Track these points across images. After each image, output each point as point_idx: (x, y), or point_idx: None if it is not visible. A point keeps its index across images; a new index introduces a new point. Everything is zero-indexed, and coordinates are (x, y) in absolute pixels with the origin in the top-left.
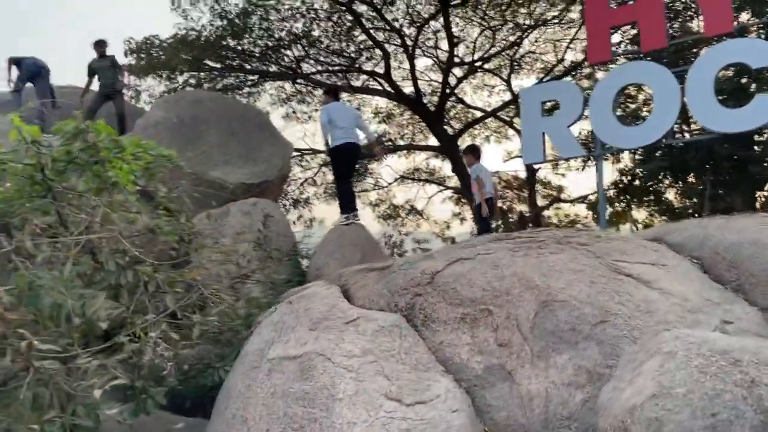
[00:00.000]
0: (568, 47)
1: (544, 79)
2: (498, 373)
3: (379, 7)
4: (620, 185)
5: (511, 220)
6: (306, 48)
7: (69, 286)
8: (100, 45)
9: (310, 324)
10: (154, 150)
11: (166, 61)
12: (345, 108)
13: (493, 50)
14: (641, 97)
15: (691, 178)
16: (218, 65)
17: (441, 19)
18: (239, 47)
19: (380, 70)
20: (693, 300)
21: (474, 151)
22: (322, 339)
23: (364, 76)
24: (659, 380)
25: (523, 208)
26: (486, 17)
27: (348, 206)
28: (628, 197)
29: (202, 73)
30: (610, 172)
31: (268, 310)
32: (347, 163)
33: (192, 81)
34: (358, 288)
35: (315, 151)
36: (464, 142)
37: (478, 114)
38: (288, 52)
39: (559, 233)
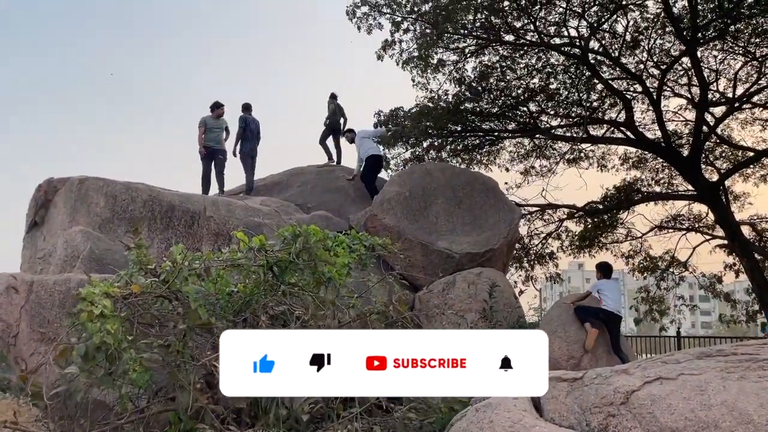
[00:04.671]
0: None
1: None
2: None
3: (615, 55)
4: None
5: None
6: (542, 103)
7: None
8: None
9: None
10: (368, 240)
11: (410, 130)
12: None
13: (763, 81)
14: None
15: None
16: (458, 127)
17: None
18: (477, 109)
19: (622, 117)
20: None
21: (600, 269)
22: None
23: (605, 125)
24: None
25: None
26: (750, 45)
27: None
28: None
29: (442, 138)
30: None
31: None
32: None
33: (435, 144)
34: (548, 399)
35: (554, 206)
36: (734, 184)
37: (749, 153)
38: (525, 108)
39: None
